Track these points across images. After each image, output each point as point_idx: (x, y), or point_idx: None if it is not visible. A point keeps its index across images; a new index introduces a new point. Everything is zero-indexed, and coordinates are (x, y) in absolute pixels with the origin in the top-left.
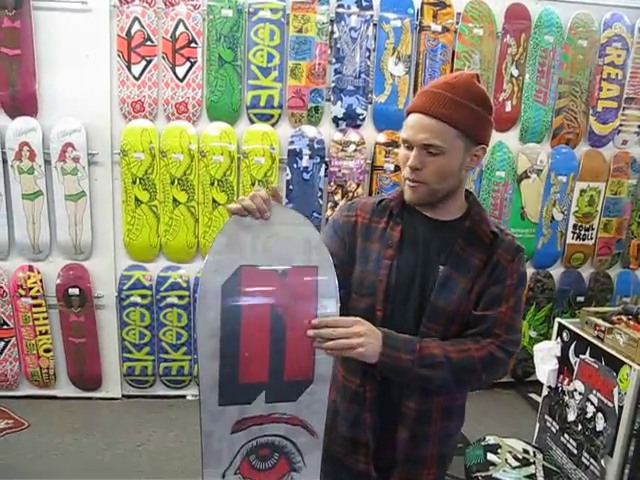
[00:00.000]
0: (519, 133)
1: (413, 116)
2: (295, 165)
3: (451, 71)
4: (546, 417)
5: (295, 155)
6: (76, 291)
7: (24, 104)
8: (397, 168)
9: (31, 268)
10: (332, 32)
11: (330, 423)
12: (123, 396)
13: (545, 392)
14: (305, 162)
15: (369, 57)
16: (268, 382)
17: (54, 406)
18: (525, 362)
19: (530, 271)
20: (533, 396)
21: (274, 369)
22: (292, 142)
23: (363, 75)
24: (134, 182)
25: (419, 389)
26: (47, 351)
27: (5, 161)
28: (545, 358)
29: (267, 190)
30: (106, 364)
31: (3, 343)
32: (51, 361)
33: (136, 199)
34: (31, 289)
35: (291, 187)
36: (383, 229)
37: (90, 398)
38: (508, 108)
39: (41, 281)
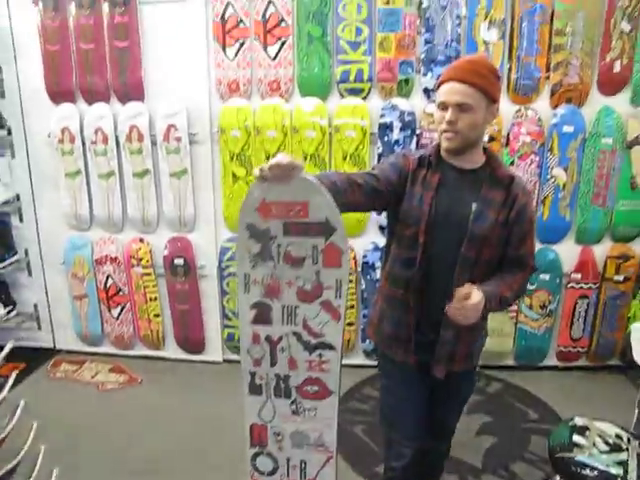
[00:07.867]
0: (630, 95)
1: (447, 84)
2: (386, 138)
3: (550, 33)
4: None
5: (386, 128)
6: (181, 261)
7: (133, 90)
8: (491, 139)
9: (142, 240)
10: (421, 2)
11: (377, 324)
12: (224, 360)
13: None
14: (396, 135)
15: (459, 25)
16: None
17: (163, 366)
18: None
19: None
20: None
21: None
22: (383, 115)
23: (454, 44)
24: (231, 159)
25: None
26: (156, 316)
27: (118, 144)
28: None
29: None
30: (208, 330)
31: (120, 308)
32: (160, 325)
33: (233, 175)
34: (142, 259)
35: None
36: (424, 176)
37: (194, 361)
38: (617, 68)
39: (150, 252)
